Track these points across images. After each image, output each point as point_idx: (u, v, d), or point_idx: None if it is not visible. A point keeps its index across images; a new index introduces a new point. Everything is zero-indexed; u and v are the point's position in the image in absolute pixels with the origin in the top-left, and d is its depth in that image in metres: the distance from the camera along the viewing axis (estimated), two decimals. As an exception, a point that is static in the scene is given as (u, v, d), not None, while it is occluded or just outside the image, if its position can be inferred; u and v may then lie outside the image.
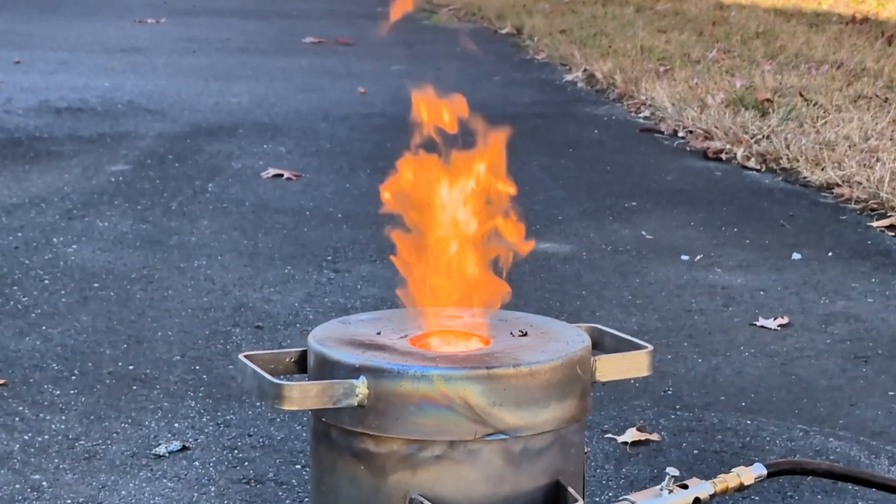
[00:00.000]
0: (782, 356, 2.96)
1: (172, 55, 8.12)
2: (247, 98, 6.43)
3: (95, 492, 2.23)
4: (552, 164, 5.02)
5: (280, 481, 2.28)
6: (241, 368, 1.69)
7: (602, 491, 2.26)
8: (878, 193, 4.33)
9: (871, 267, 3.69)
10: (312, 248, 3.78)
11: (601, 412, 2.59)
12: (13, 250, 3.69)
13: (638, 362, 1.77)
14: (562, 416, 1.65)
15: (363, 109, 6.20)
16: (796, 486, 2.28)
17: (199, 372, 2.79)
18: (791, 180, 4.78)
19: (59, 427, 2.49)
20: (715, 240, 3.97)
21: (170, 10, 10.97)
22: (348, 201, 4.32)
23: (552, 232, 4.02)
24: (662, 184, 4.74)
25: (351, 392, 1.60)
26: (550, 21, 9.56)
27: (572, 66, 7.58)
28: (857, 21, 9.22)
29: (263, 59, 8.06)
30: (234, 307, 3.23)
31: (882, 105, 5.72)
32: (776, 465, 1.87)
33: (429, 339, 1.73)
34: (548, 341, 1.71)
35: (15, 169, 4.72)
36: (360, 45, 8.91)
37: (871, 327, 3.17)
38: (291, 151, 5.17)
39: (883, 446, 2.48)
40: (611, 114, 6.24)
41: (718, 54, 7.46)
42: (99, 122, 5.70)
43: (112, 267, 3.56)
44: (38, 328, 3.05)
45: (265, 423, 2.52)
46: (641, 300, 3.36)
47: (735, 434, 2.52)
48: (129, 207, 4.22)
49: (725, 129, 5.38)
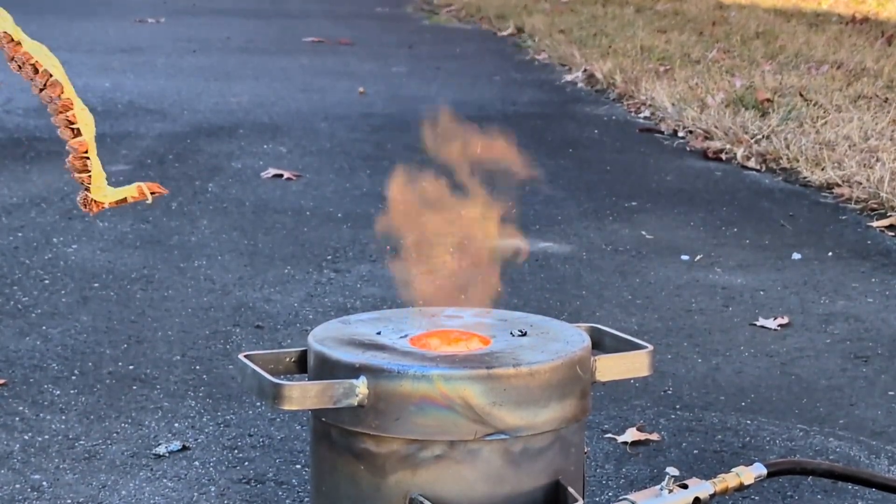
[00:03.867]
0: (782, 356, 2.97)
1: (172, 55, 8.12)
2: (247, 98, 6.43)
3: (95, 492, 2.23)
4: (552, 164, 5.02)
5: (280, 481, 2.28)
6: (241, 368, 1.69)
7: (602, 491, 2.26)
8: (878, 193, 4.33)
9: (871, 267, 3.69)
10: (312, 248, 3.78)
11: (601, 412, 2.59)
12: (13, 250, 3.69)
13: (638, 362, 1.77)
14: (562, 416, 1.65)
15: (363, 109, 6.20)
16: (796, 486, 2.28)
17: (199, 372, 2.79)
18: (791, 180, 4.78)
19: (59, 427, 2.49)
20: (715, 240, 3.97)
21: (170, 10, 10.97)
22: (348, 201, 4.32)
23: (552, 232, 4.02)
24: (662, 184, 4.74)
25: (351, 392, 1.61)
26: (550, 21, 9.56)
27: (572, 66, 7.58)
28: (857, 21, 9.22)
29: (263, 59, 8.06)
30: (234, 307, 3.23)
31: (882, 105, 5.72)
32: (776, 465, 1.87)
33: (429, 339, 1.73)
34: (548, 341, 1.71)
35: (15, 169, 4.72)
36: (360, 45, 8.91)
37: (871, 327, 3.17)
38: (291, 151, 5.17)
39: (883, 446, 2.48)
40: (611, 114, 6.24)
41: (718, 54, 7.46)
42: (99, 122, 5.67)
43: (112, 267, 3.56)
44: (38, 328, 3.05)
45: (265, 423, 2.52)
46: (641, 300, 3.36)
47: (735, 434, 2.52)
48: (129, 207, 4.21)
49: (725, 129, 5.38)
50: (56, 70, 1.47)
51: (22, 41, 1.43)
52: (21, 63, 1.45)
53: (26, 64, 1.45)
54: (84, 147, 1.48)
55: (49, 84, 1.47)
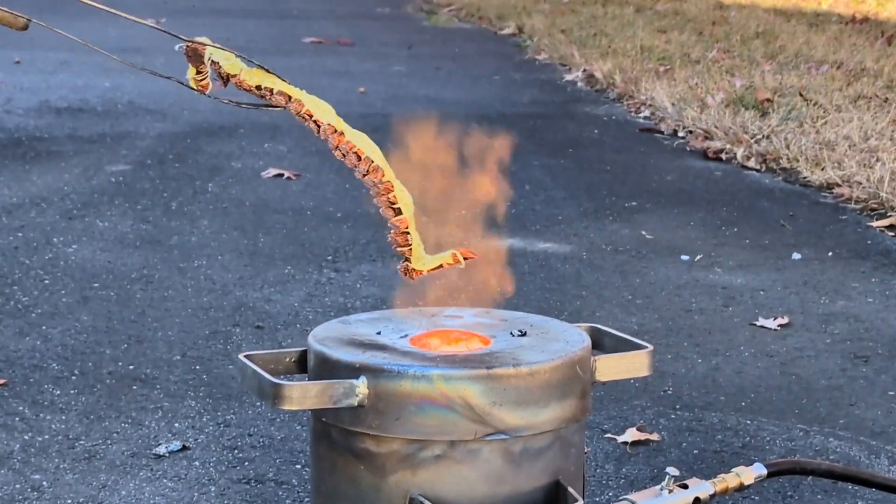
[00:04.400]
0: (782, 356, 2.97)
1: (172, 55, 8.09)
2: (246, 97, 6.42)
3: (95, 492, 2.23)
4: (552, 164, 5.02)
5: (280, 481, 2.28)
6: (241, 368, 1.69)
7: (602, 491, 2.26)
8: (878, 193, 4.33)
9: (871, 267, 3.69)
10: (312, 248, 3.78)
11: (601, 412, 2.59)
12: (13, 250, 3.69)
13: (638, 362, 1.77)
14: (562, 416, 1.65)
15: (363, 109, 6.20)
16: (796, 486, 2.28)
17: (199, 372, 2.79)
18: (791, 180, 4.78)
19: (59, 427, 2.49)
20: (715, 240, 3.97)
21: (170, 10, 10.98)
22: (348, 201, 4.32)
23: (552, 232, 4.02)
24: (662, 184, 4.74)
25: (351, 392, 1.61)
26: (550, 21, 9.56)
27: (572, 66, 7.58)
28: (857, 21, 9.22)
29: (264, 59, 8.03)
30: (234, 307, 3.23)
31: (882, 105, 5.72)
32: (776, 465, 1.87)
33: (429, 339, 1.73)
34: (548, 341, 1.71)
35: (15, 169, 4.72)
36: (360, 46, 8.91)
37: (871, 327, 3.17)
38: (291, 151, 5.17)
39: (883, 446, 2.48)
40: (611, 114, 6.24)
41: (718, 54, 7.46)
42: (99, 122, 5.70)
43: (112, 267, 3.56)
44: (38, 328, 3.05)
45: (265, 423, 2.52)
46: (641, 300, 3.36)
47: (735, 434, 2.52)
48: (129, 207, 4.22)
49: (725, 129, 5.38)
50: (376, 156, 1.59)
51: (344, 131, 1.56)
52: (344, 152, 1.57)
53: (349, 152, 1.58)
54: (405, 224, 1.61)
55: (371, 170, 1.59)
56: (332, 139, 1.58)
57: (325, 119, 1.56)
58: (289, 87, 1.56)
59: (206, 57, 1.49)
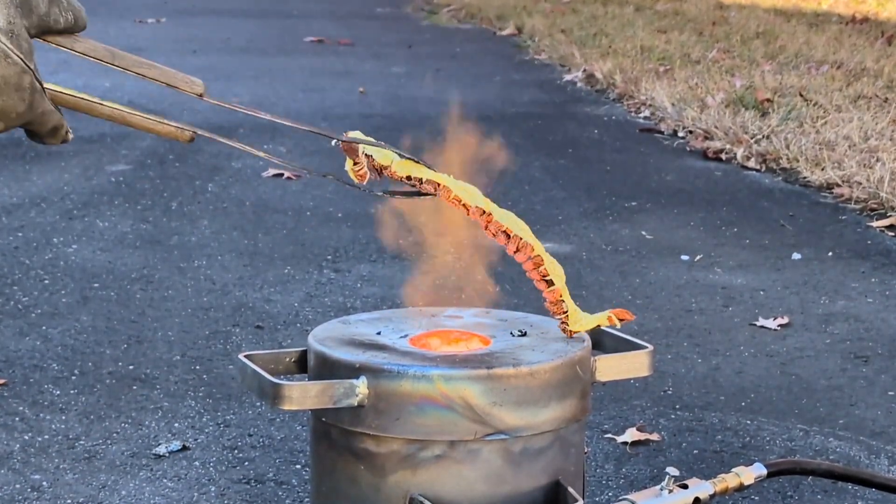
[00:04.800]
0: (782, 356, 2.97)
1: (173, 55, 8.12)
2: (247, 98, 6.43)
3: (95, 492, 2.23)
4: (552, 164, 5.02)
5: (280, 481, 2.28)
6: (241, 368, 1.69)
7: (602, 491, 2.26)
8: (878, 193, 4.33)
9: (871, 267, 3.69)
10: (312, 248, 3.78)
11: (601, 412, 2.59)
12: (13, 250, 3.69)
13: (638, 362, 1.77)
14: (562, 416, 1.65)
15: (363, 109, 6.20)
16: (796, 486, 2.28)
17: (199, 372, 2.79)
18: (791, 180, 4.78)
19: (59, 427, 2.49)
20: (715, 240, 3.97)
21: (170, 10, 10.97)
22: (348, 201, 4.32)
23: (552, 232, 4.02)
24: (662, 184, 4.74)
25: (351, 392, 1.60)
26: (550, 21, 9.56)
27: (572, 66, 7.58)
28: (857, 21, 9.22)
29: (264, 59, 8.06)
30: (234, 307, 3.23)
31: (882, 105, 5.72)
32: (776, 465, 1.87)
33: (429, 339, 1.73)
34: (548, 341, 1.71)
35: (15, 169, 4.72)
36: (360, 46, 8.91)
37: (871, 327, 3.17)
38: (291, 151, 5.17)
39: (883, 446, 2.48)
40: (611, 114, 6.24)
41: (718, 54, 7.46)
42: (99, 121, 5.70)
43: (112, 267, 3.56)
44: (38, 328, 3.05)
45: (265, 423, 2.52)
46: (641, 300, 3.36)
47: (735, 434, 2.52)
48: (129, 207, 4.22)
49: (725, 129, 5.38)
50: (524, 233, 1.70)
51: (492, 212, 1.65)
52: (494, 231, 1.67)
53: (499, 232, 1.67)
54: (559, 294, 1.72)
55: (521, 247, 1.70)
56: (481, 221, 1.67)
57: (474, 203, 1.65)
58: (437, 175, 1.62)
59: (360, 151, 1.56)
